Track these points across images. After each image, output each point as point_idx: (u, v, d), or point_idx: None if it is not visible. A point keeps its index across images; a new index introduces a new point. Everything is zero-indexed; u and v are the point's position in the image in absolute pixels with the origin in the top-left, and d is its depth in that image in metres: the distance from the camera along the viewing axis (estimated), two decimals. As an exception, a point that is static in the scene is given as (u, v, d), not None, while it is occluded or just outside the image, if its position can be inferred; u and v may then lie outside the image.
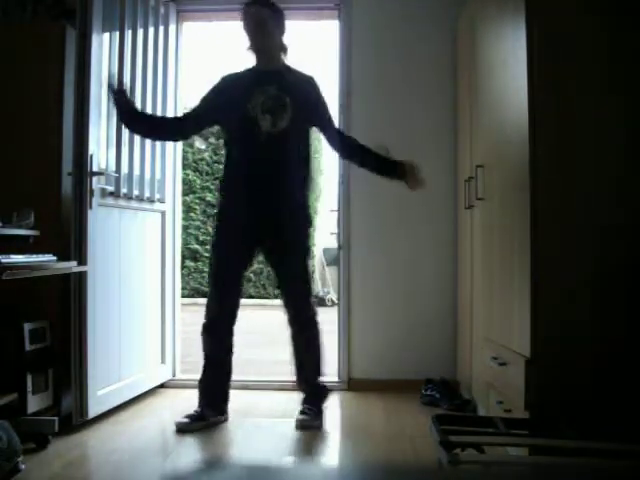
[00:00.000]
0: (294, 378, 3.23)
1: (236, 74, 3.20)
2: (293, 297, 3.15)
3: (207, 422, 3.04)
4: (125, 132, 3.31)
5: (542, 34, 2.15)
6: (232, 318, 3.13)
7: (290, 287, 3.16)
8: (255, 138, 3.03)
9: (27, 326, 2.82)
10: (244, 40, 3.12)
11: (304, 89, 3.14)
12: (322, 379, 3.20)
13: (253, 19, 3.08)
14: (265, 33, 3.09)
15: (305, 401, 3.14)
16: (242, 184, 3.05)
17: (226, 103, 3.10)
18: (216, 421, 3.08)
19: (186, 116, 3.31)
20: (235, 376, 3.29)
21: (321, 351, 3.17)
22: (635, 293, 2.08)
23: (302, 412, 3.09)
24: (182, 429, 2.96)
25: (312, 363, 3.17)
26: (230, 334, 3.14)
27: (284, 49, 3.17)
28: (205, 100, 3.17)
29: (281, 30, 3.15)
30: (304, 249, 3.15)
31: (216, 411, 3.11)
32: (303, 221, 3.16)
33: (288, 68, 3.18)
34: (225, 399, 3.19)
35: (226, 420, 3.14)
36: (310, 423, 3.02)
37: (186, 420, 3.00)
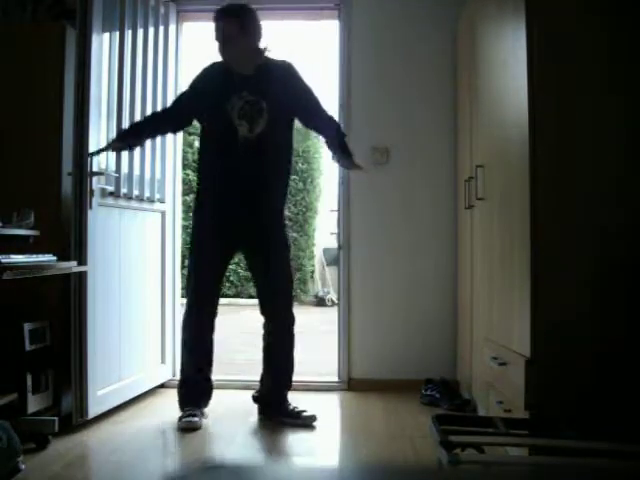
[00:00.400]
0: (259, 385, 3.26)
1: (216, 68, 3.13)
2: (272, 303, 3.15)
3: (203, 418, 3.08)
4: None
5: (542, 34, 2.15)
6: (214, 318, 3.16)
7: (270, 292, 3.16)
8: (233, 142, 3.02)
9: (27, 326, 2.82)
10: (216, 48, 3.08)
11: (281, 82, 3.08)
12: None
13: (221, 33, 3.02)
14: (234, 47, 3.03)
15: (283, 403, 3.14)
16: (221, 188, 3.07)
17: (208, 97, 3.07)
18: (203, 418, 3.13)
19: (178, 99, 3.28)
20: (235, 376, 3.30)
21: (294, 365, 3.20)
22: (635, 293, 2.08)
23: (301, 410, 3.10)
24: (187, 427, 2.96)
25: (286, 378, 3.20)
26: (213, 332, 3.18)
27: (260, 53, 3.10)
28: (193, 88, 3.16)
29: (254, 36, 3.07)
30: (284, 254, 3.17)
31: (205, 407, 3.17)
32: (281, 225, 3.17)
33: (264, 64, 3.10)
34: (211, 394, 3.22)
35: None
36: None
37: (189, 419, 3.01)
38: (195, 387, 3.16)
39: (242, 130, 3.02)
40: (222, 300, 3.29)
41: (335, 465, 2.68)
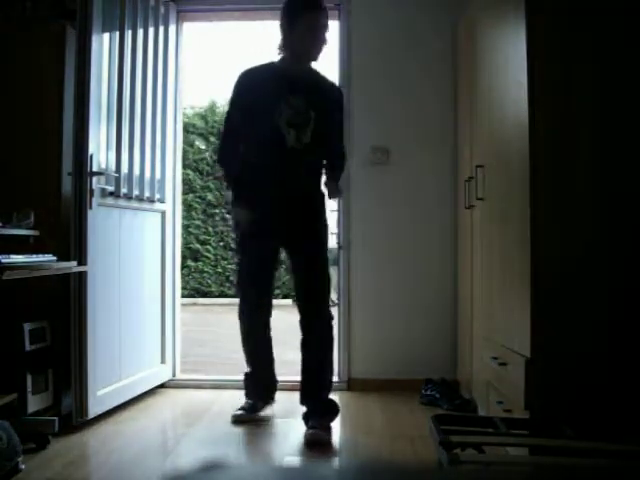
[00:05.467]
0: (300, 391, 3.11)
1: (258, 71, 3.07)
2: (308, 298, 3.08)
3: (258, 413, 3.16)
4: (125, 132, 3.31)
5: (542, 34, 2.15)
6: (269, 314, 3.20)
7: (306, 288, 3.09)
8: (279, 150, 2.99)
9: (27, 326, 2.82)
10: (281, 38, 2.98)
11: (330, 101, 3.10)
12: (331, 394, 3.11)
13: (315, 21, 2.93)
14: (322, 41, 2.99)
15: (313, 416, 2.98)
16: (265, 195, 3.03)
17: (252, 104, 3.01)
18: (265, 411, 3.20)
19: (233, 131, 3.14)
20: (236, 376, 3.31)
21: (332, 363, 3.18)
22: (635, 293, 2.08)
23: (312, 427, 2.92)
24: (239, 420, 3.07)
25: (324, 378, 3.09)
26: (269, 328, 3.21)
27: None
28: (234, 104, 3.11)
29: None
30: (324, 256, 3.09)
31: (266, 402, 3.24)
32: (322, 230, 3.12)
33: (316, 73, 3.10)
34: (274, 389, 3.29)
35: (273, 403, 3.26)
36: (321, 437, 2.86)
37: (241, 412, 3.12)
38: (252, 381, 3.23)
39: (289, 139, 2.98)
40: (223, 300, 3.32)
41: (335, 465, 2.67)
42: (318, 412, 3.00)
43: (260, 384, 3.25)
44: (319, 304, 3.06)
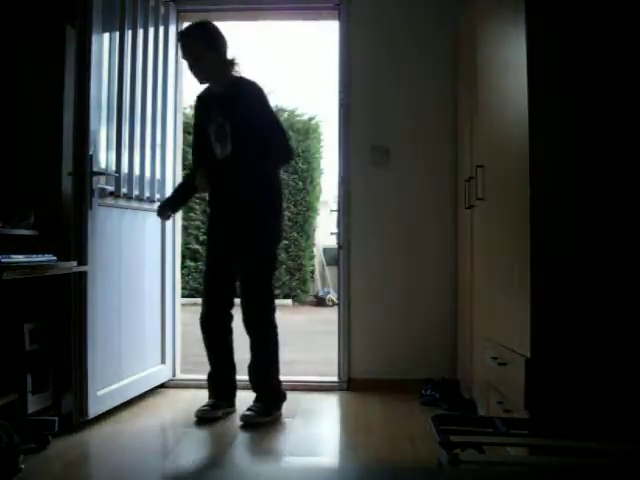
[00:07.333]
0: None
1: (202, 98, 3.32)
2: (243, 298, 3.20)
3: (219, 412, 3.17)
4: (125, 132, 3.31)
5: (542, 34, 2.15)
6: (226, 316, 3.29)
7: (241, 289, 3.23)
8: (214, 164, 3.18)
9: (27, 326, 2.82)
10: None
11: (245, 105, 3.10)
12: (277, 382, 3.24)
13: (188, 54, 3.12)
14: (195, 64, 3.12)
15: (255, 399, 3.19)
16: (213, 208, 3.38)
17: (199, 127, 3.30)
18: (228, 412, 3.22)
19: (193, 150, 3.38)
20: (238, 376, 3.31)
21: (271, 356, 3.23)
22: (635, 293, 2.08)
23: (249, 409, 3.13)
24: (202, 417, 3.10)
25: (261, 367, 3.23)
26: (226, 331, 3.30)
27: (227, 65, 3.15)
28: (195, 131, 3.35)
29: (218, 49, 3.12)
30: (255, 270, 3.19)
31: (228, 402, 3.26)
32: (255, 240, 3.18)
33: (232, 84, 3.16)
34: (232, 391, 3.32)
35: (233, 412, 3.25)
36: (253, 420, 3.06)
37: (206, 408, 3.14)
38: (212, 381, 3.29)
39: (217, 153, 3.19)
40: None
41: (335, 465, 2.68)
42: (257, 396, 3.19)
43: (218, 385, 3.28)
44: (250, 317, 3.18)
